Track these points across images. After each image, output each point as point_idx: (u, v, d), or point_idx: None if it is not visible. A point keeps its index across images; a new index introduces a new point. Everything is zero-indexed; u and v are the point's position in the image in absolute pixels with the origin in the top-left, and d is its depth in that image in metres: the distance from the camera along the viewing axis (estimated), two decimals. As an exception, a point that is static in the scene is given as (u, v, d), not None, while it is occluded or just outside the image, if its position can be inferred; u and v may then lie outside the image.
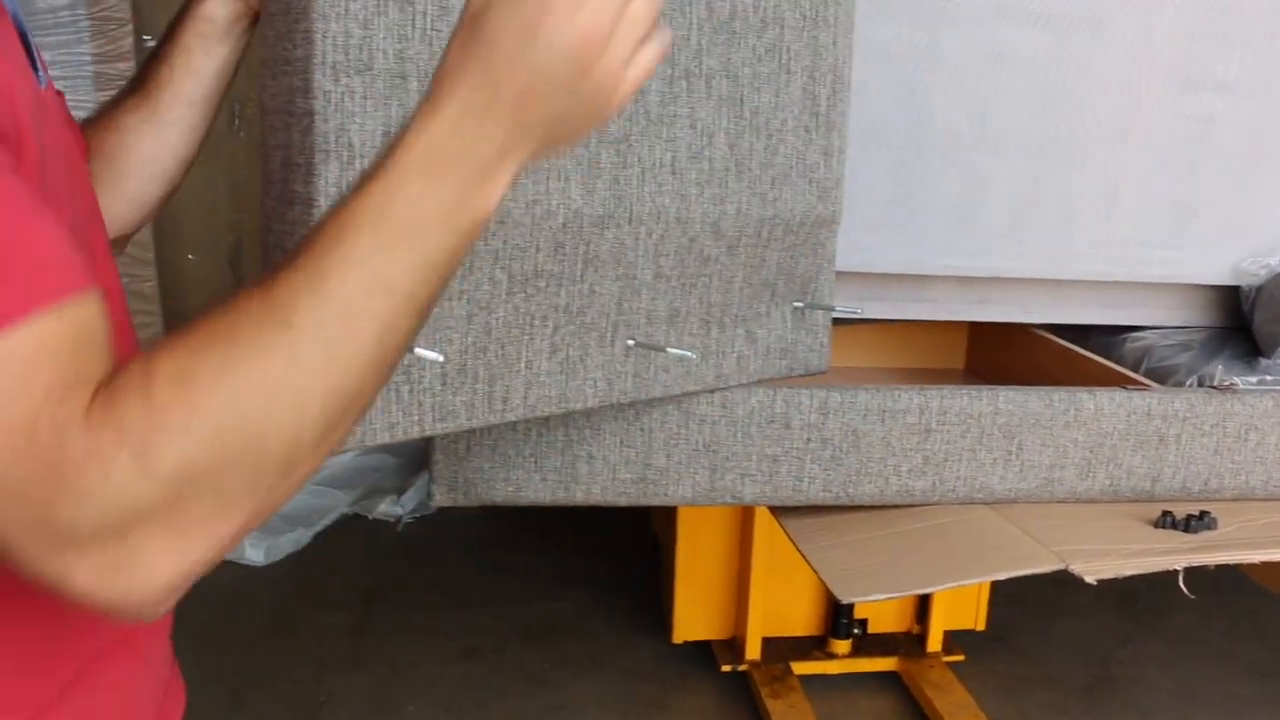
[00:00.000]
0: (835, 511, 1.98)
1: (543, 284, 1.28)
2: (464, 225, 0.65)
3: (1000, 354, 2.67)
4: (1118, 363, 2.32)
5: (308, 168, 1.09)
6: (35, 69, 0.83)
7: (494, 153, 0.64)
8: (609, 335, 1.39)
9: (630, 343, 1.41)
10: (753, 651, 2.96)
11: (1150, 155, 2.23)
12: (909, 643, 3.11)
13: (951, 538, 1.91)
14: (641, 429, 1.78)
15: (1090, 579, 1.72)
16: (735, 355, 1.58)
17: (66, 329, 0.59)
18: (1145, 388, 2.05)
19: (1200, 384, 2.15)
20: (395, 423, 1.21)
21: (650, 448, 1.80)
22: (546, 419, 1.76)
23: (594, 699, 2.91)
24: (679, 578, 2.97)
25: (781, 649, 3.02)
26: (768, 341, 1.62)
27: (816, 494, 1.89)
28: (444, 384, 1.25)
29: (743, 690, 2.95)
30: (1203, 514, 1.93)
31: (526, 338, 1.30)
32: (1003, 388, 1.93)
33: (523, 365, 1.31)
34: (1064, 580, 1.78)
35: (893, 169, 2.15)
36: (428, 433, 1.25)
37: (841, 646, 3.03)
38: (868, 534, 1.92)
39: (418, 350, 1.33)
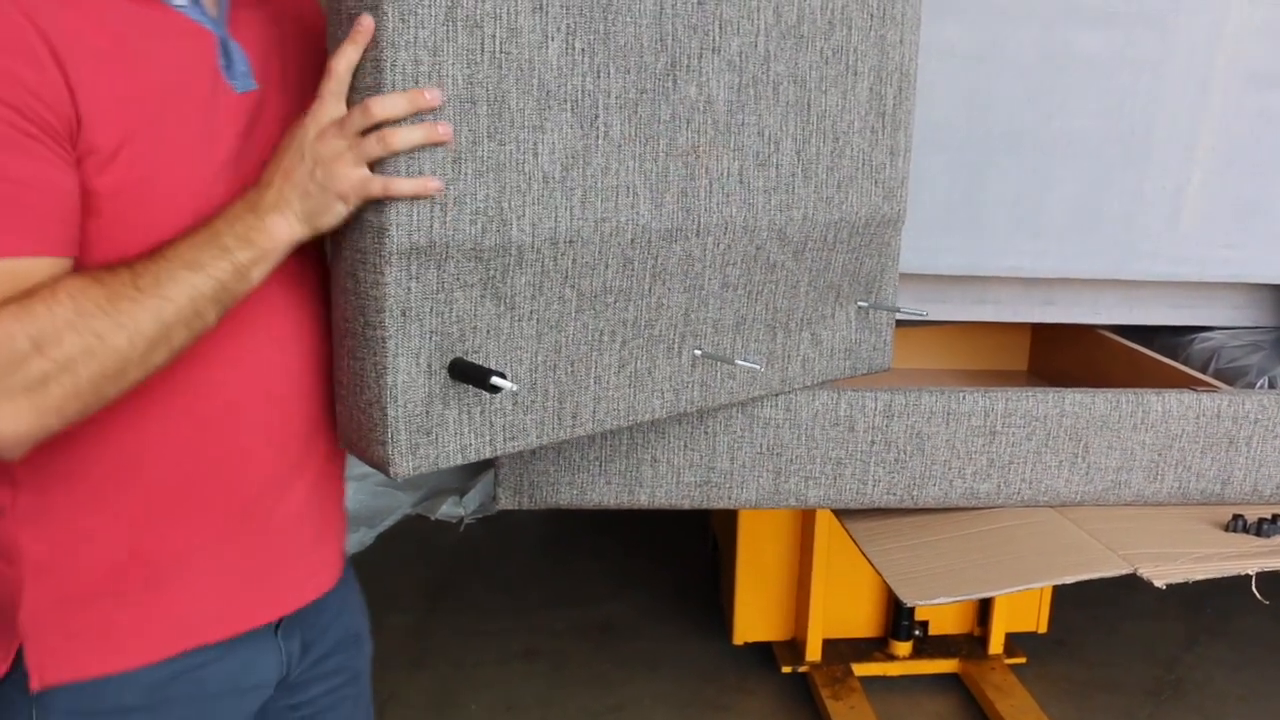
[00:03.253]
0: (899, 514, 1.97)
1: (611, 300, 1.29)
2: (258, 248, 1.03)
3: (1064, 356, 2.65)
4: (1184, 364, 2.29)
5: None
6: (233, 76, 1.09)
7: (271, 206, 1.04)
8: (676, 346, 1.39)
9: (697, 353, 1.41)
10: (813, 653, 2.96)
11: (1217, 153, 2.20)
12: (970, 645, 3.09)
13: (1017, 541, 1.90)
14: (705, 432, 1.79)
15: (1160, 583, 1.70)
16: (800, 358, 1.58)
17: None
18: (1214, 389, 2.02)
19: (1271, 385, 2.12)
20: (468, 444, 1.22)
21: (714, 451, 1.80)
22: (611, 422, 1.78)
23: (655, 699, 2.92)
24: (740, 579, 2.97)
25: (842, 650, 3.02)
26: (832, 343, 1.61)
27: (881, 497, 1.89)
28: (515, 404, 1.25)
29: (803, 691, 2.94)
30: (1275, 517, 1.90)
31: (595, 354, 1.31)
32: (1069, 389, 1.92)
33: (591, 381, 1.32)
34: (1127, 583, 1.76)
35: (956, 169, 2.14)
36: (499, 452, 1.26)
37: (902, 648, 3.02)
38: (932, 537, 1.91)
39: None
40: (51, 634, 1.10)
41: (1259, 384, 2.15)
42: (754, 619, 3.03)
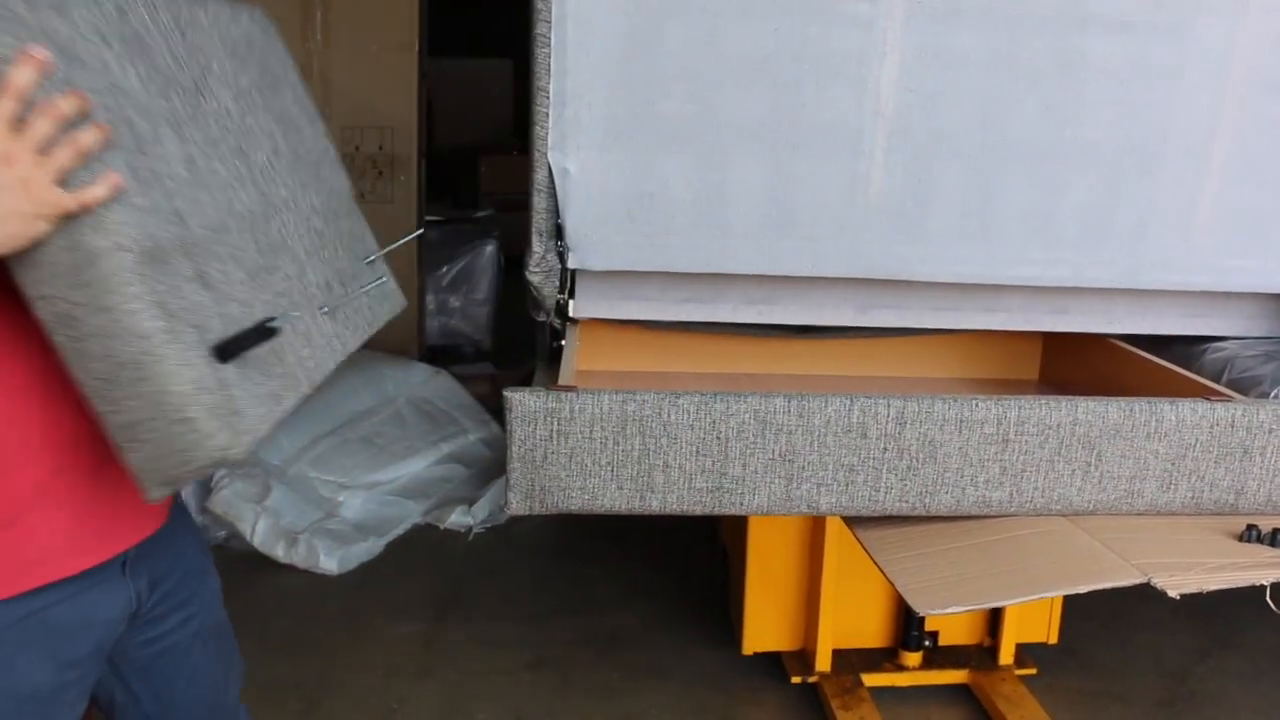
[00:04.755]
0: (911, 522, 1.97)
1: (266, 274, 1.39)
2: None
3: (1076, 365, 2.64)
4: (1197, 374, 2.28)
5: None
6: None
7: None
8: (313, 309, 1.49)
9: (324, 310, 1.51)
10: (823, 663, 2.95)
11: (1230, 162, 2.20)
12: (980, 655, 3.08)
13: (1029, 550, 1.89)
14: (718, 438, 1.79)
15: (1174, 593, 1.70)
16: (368, 307, 1.68)
17: None
18: (1228, 399, 2.01)
19: (1285, 395, 2.11)
20: (263, 415, 1.27)
21: (726, 457, 1.80)
22: (623, 426, 1.77)
23: (663, 709, 2.91)
24: (749, 589, 2.96)
25: (852, 661, 3.00)
26: (371, 293, 1.72)
27: (893, 504, 1.88)
28: (265, 373, 1.29)
29: (813, 702, 2.93)
30: (1289, 527, 1.89)
31: (294, 317, 1.42)
32: (1082, 398, 1.91)
33: (301, 340, 1.42)
34: (1138, 593, 1.76)
35: (969, 178, 2.14)
36: (288, 408, 1.31)
37: (912, 659, 3.01)
38: (944, 545, 1.91)
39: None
40: None
41: (1273, 394, 2.14)
42: (763, 629, 3.02)
